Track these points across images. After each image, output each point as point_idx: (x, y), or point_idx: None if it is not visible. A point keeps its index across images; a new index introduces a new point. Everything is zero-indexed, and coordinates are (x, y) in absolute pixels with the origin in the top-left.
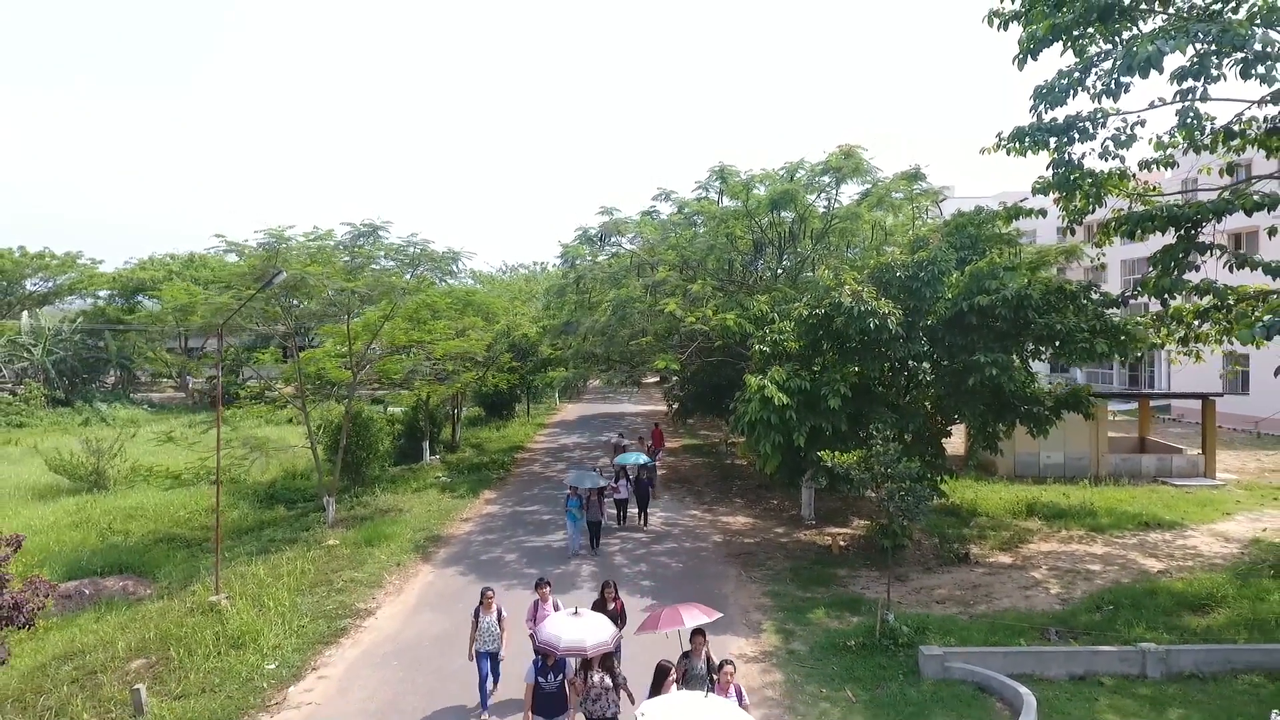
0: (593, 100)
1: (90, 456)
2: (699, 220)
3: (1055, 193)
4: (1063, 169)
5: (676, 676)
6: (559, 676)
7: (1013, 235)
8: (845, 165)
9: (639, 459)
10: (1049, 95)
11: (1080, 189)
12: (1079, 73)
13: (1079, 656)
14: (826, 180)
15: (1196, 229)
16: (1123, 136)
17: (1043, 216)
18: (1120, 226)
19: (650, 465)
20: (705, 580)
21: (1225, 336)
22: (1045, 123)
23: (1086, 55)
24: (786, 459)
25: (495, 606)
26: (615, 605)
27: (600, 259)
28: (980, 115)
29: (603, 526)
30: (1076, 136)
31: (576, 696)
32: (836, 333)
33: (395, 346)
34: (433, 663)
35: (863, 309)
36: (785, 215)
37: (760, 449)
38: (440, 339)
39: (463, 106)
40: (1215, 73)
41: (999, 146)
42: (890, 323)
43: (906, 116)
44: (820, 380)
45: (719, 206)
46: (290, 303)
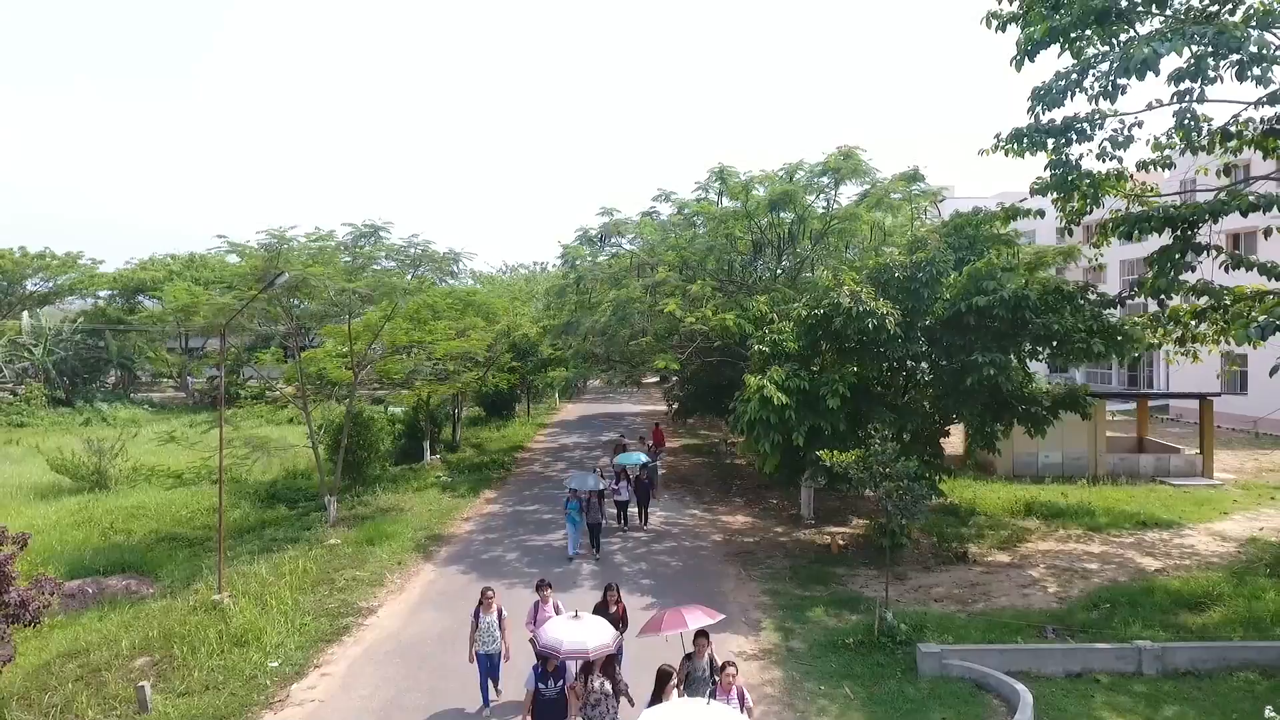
0: (593, 101)
1: (92, 456)
2: (699, 221)
3: (1053, 194)
4: (1060, 170)
5: (678, 680)
6: (559, 683)
7: (1010, 236)
8: (844, 166)
9: (639, 459)
10: (1046, 97)
11: (1078, 190)
12: (1076, 74)
13: (1076, 654)
14: (825, 181)
15: (1193, 230)
16: (1120, 138)
17: (1041, 217)
18: (1117, 227)
19: (651, 465)
20: (705, 579)
21: (1222, 337)
22: (1043, 124)
23: (1084, 57)
24: (786, 458)
25: (496, 607)
26: (617, 609)
27: (600, 259)
28: (980, 115)
29: (603, 527)
30: (1074, 138)
31: (577, 702)
32: (835, 333)
33: (396, 346)
34: (434, 660)
35: (861, 309)
36: (784, 216)
37: (759, 448)
38: (441, 339)
39: (464, 107)
40: (1212, 74)
41: (997, 148)
42: (888, 323)
43: (906, 117)
44: (819, 380)
45: (719, 207)
46: (291, 303)
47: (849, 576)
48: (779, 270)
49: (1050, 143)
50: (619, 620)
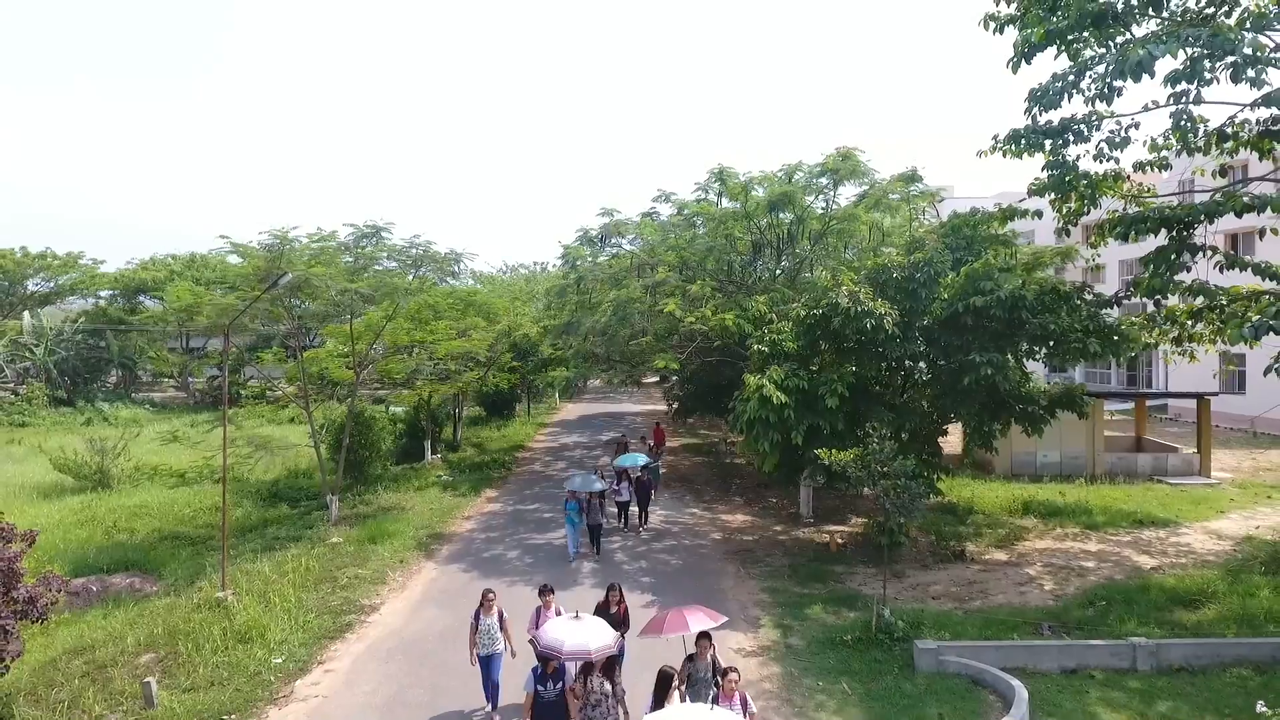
0: (593, 102)
1: (94, 456)
2: (698, 221)
3: (1051, 194)
4: (1058, 171)
5: (679, 682)
6: (558, 685)
7: (1008, 237)
8: (843, 167)
9: (639, 460)
10: (1043, 98)
11: (1075, 191)
12: (1073, 76)
13: (1071, 650)
14: (824, 182)
15: (1189, 231)
16: (1117, 139)
17: (1038, 218)
18: (1114, 228)
19: (653, 466)
20: (704, 577)
21: (1218, 337)
22: (1040, 125)
23: (1081, 59)
24: (785, 457)
25: (496, 609)
26: (619, 609)
27: (601, 260)
28: (979, 115)
29: (603, 528)
30: (1071, 139)
31: (576, 703)
32: (834, 333)
33: (398, 346)
34: (437, 657)
35: (859, 309)
36: (784, 216)
37: (759, 447)
38: (442, 339)
39: (464, 108)
40: (1209, 75)
41: (995, 149)
42: (886, 323)
43: (906, 117)
44: (818, 380)
45: (718, 208)
46: (293, 303)
47: (847, 574)
48: (778, 270)
49: (1048, 144)
50: (620, 621)
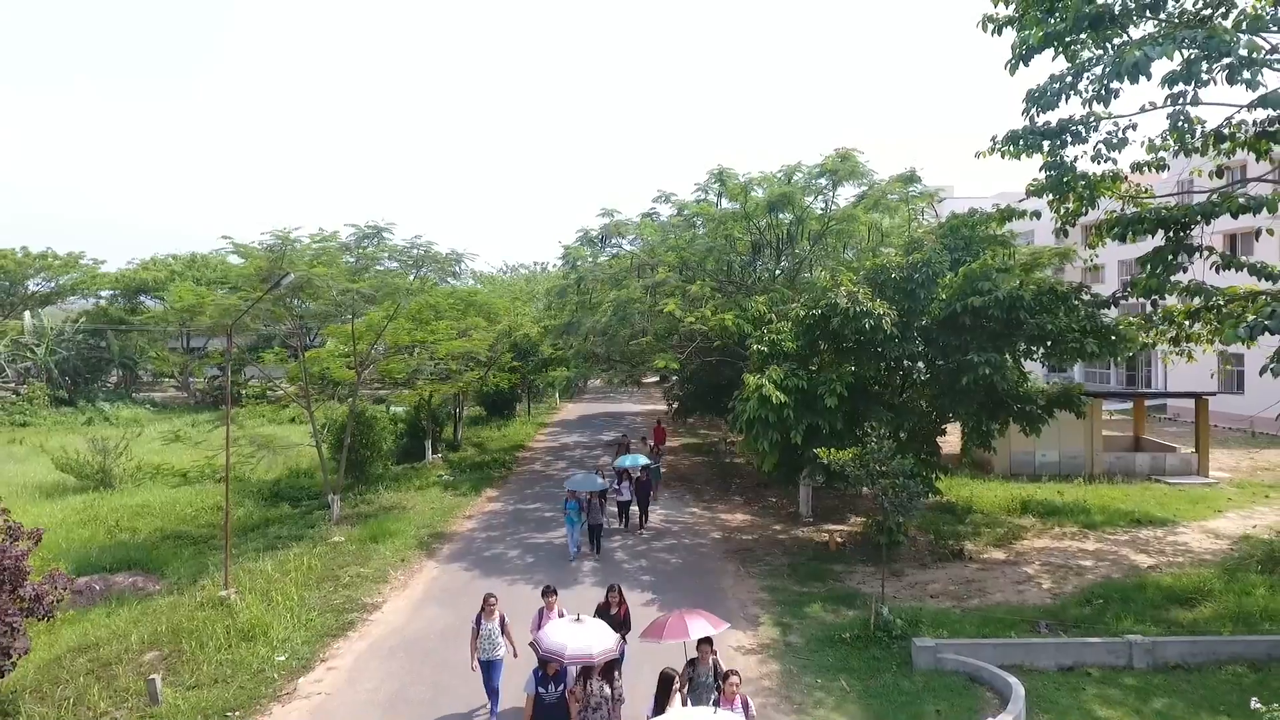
0: (594, 102)
1: (96, 455)
2: (698, 222)
3: (1049, 195)
4: (1056, 172)
5: (681, 685)
6: (560, 687)
7: (1006, 237)
8: (841, 168)
9: (639, 461)
10: (1041, 99)
11: (1073, 191)
12: (1071, 77)
13: (1068, 648)
14: (823, 183)
15: (1185, 231)
16: (1114, 140)
17: (1037, 218)
18: (1111, 229)
19: (654, 466)
20: (704, 576)
21: (1215, 337)
22: (1038, 126)
23: (1078, 60)
24: (784, 457)
25: (498, 613)
26: (619, 611)
27: (601, 260)
28: (980, 115)
29: (603, 528)
30: (1069, 140)
31: (577, 706)
32: (833, 333)
33: (399, 346)
34: (438, 655)
35: (858, 310)
36: (783, 217)
37: (758, 447)
38: (443, 339)
39: (466, 109)
40: (1205, 77)
41: (993, 150)
42: (885, 323)
43: (906, 117)
44: (817, 379)
45: (718, 208)
46: (294, 303)
47: (846, 573)
48: (777, 271)
49: (1046, 145)
50: (621, 622)
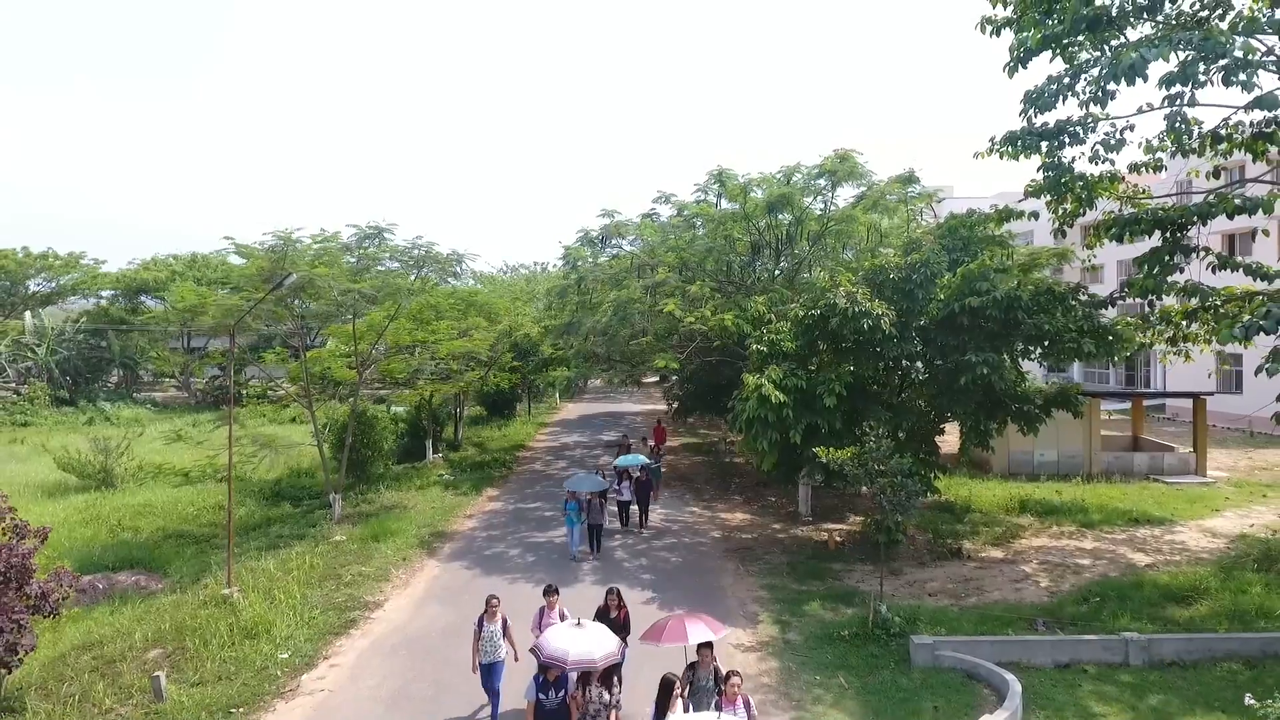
0: (594, 103)
1: (98, 455)
2: (698, 222)
3: (1047, 196)
4: (1054, 172)
5: (681, 689)
6: (560, 693)
7: (1004, 238)
8: (840, 169)
9: (639, 460)
10: (1039, 100)
11: (1071, 192)
12: (1068, 78)
13: (1064, 645)
14: (822, 183)
15: (1182, 232)
16: (1112, 141)
17: (1035, 219)
18: (1109, 229)
19: (654, 466)
20: (704, 574)
21: (1213, 337)
22: (1036, 127)
23: (1076, 62)
24: (783, 456)
25: (500, 615)
26: (619, 614)
27: (601, 260)
28: (980, 115)
29: (604, 529)
30: (1067, 141)
31: (578, 712)
32: (832, 333)
33: (400, 346)
34: (440, 653)
35: (857, 310)
36: (782, 218)
37: (758, 446)
38: (444, 339)
39: (467, 109)
40: (1202, 78)
41: (992, 150)
42: (884, 323)
43: (906, 117)
44: (816, 379)
45: (717, 209)
46: (296, 303)
47: (845, 572)
48: (777, 271)
49: (1044, 145)
50: (621, 626)
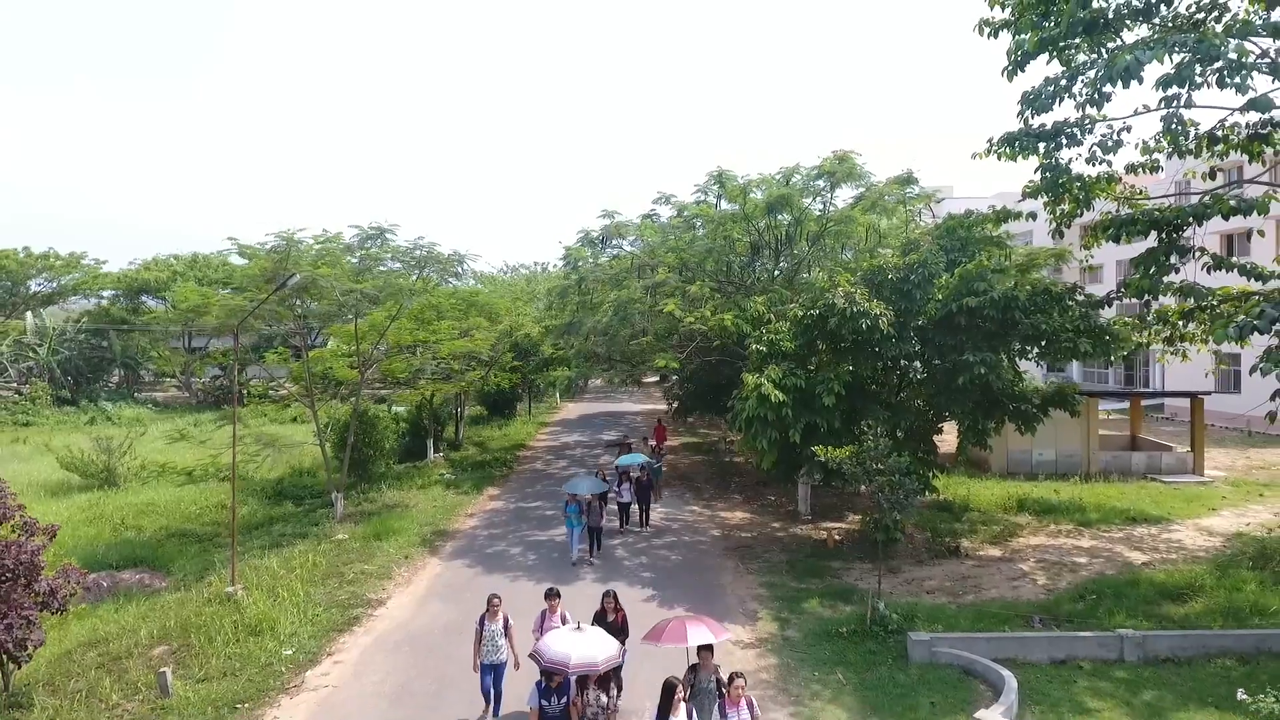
0: (595, 104)
1: (101, 454)
2: (698, 223)
3: (1044, 196)
4: (1051, 173)
5: (683, 693)
6: (563, 699)
7: (1001, 238)
8: (839, 170)
9: (639, 460)
10: (1036, 102)
11: (1068, 193)
12: (1065, 80)
13: (1060, 642)
14: (821, 184)
15: (1178, 233)
16: (1109, 142)
17: (1032, 220)
18: (1105, 230)
19: (655, 466)
20: (704, 572)
21: (1209, 336)
22: (1034, 128)
23: (1073, 64)
24: (783, 455)
25: (502, 615)
26: (616, 616)
27: (602, 261)
28: (980, 115)
29: (604, 530)
30: (1064, 142)
31: (577, 716)
32: (830, 333)
33: (401, 346)
34: (442, 650)
35: (855, 310)
36: (782, 218)
37: (757, 445)
38: (445, 339)
39: (468, 110)
40: (1199, 80)
41: (990, 151)
42: (882, 323)
43: (905, 117)
44: (815, 379)
45: (717, 210)
46: (298, 303)
47: (844, 570)
48: (776, 271)
49: (1041, 147)
50: (620, 629)
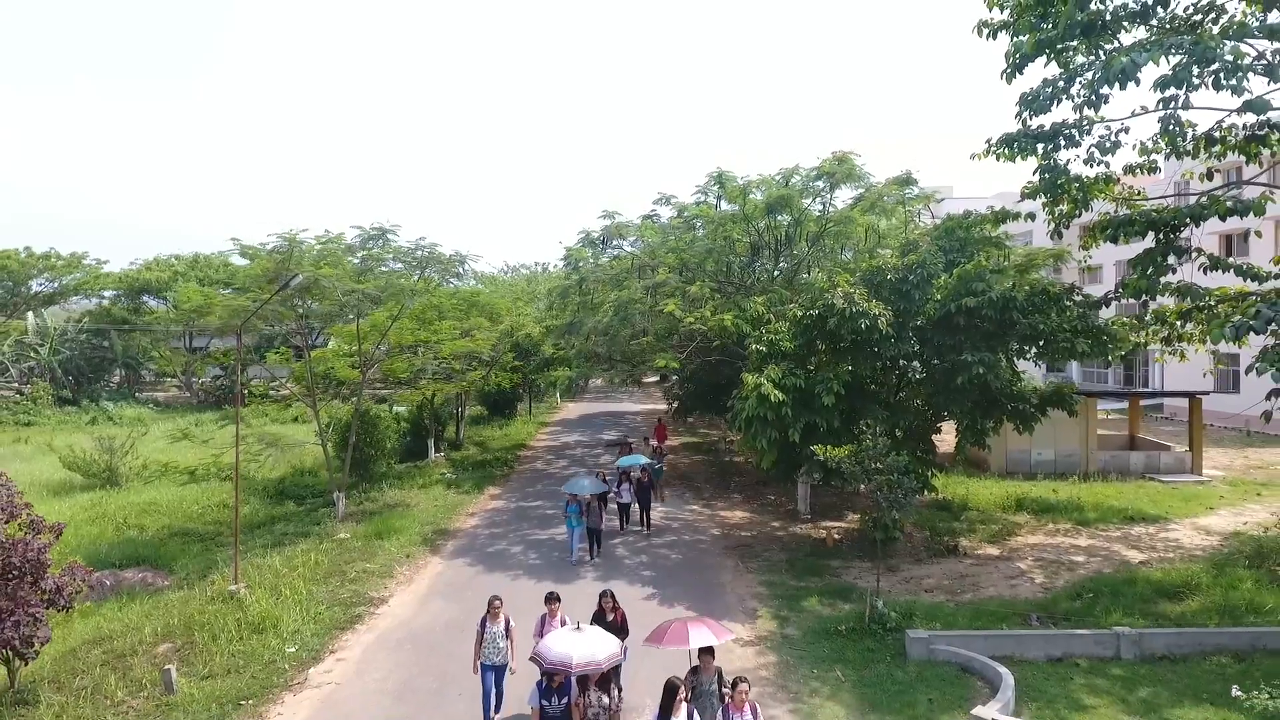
0: (595, 104)
1: (103, 454)
2: (698, 224)
3: (1043, 197)
4: (1049, 174)
5: (685, 695)
6: (564, 700)
7: (1000, 239)
8: (839, 171)
9: (639, 460)
10: (1034, 103)
11: (1067, 194)
12: (1063, 82)
13: (1057, 639)
14: (821, 185)
15: (1175, 233)
16: (1107, 143)
17: (1031, 220)
18: (1104, 230)
19: (653, 466)
20: (704, 571)
21: (1206, 336)
22: (1032, 129)
23: (1071, 66)
24: (782, 454)
25: (503, 617)
26: (616, 616)
27: (602, 261)
28: (981, 115)
29: (604, 531)
30: (1062, 143)
31: (579, 717)
32: (830, 333)
33: (403, 346)
34: (444, 648)
35: (854, 310)
36: (781, 219)
37: (757, 444)
38: (446, 339)
39: (468, 110)
40: (1196, 81)
41: (989, 152)
42: (881, 323)
43: (905, 118)
44: (814, 378)
45: (717, 210)
46: (300, 303)
47: (843, 568)
48: (776, 272)
49: (1040, 148)
50: (619, 628)
